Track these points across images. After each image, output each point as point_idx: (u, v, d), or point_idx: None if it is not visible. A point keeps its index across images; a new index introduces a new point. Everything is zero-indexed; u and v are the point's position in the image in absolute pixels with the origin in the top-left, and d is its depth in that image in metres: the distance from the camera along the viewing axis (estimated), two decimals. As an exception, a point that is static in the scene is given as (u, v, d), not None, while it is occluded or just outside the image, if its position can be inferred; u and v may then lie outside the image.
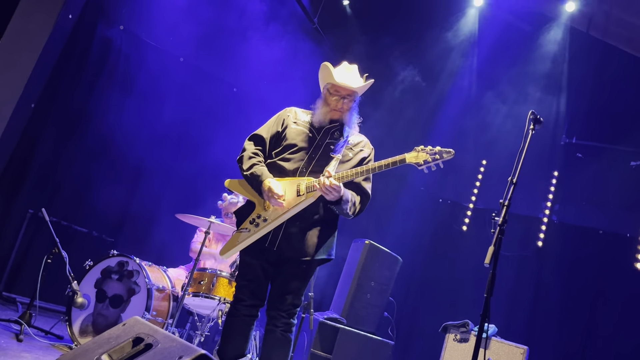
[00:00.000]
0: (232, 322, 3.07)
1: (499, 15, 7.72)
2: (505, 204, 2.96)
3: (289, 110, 3.31)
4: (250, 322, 3.08)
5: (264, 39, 7.33)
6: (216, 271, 4.52)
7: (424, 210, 8.23)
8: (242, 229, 3.02)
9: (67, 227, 6.18)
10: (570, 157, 7.60)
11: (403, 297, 7.40)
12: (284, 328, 3.02)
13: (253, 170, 3.04)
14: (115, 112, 6.49)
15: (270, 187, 2.95)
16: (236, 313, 3.06)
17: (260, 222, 2.99)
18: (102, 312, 4.53)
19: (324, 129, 3.17)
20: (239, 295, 3.08)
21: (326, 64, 3.19)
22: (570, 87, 7.49)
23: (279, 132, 3.21)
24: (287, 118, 3.25)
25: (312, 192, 2.95)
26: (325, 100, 3.20)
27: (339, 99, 3.16)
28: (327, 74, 3.19)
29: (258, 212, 3.03)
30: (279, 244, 3.01)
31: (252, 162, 3.09)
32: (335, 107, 3.16)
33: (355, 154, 3.17)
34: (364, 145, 3.25)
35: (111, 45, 6.46)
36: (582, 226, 7.35)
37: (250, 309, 3.06)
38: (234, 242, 3.02)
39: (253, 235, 2.98)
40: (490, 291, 2.79)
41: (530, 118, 3.20)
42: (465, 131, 8.01)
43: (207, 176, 6.88)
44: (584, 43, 7.43)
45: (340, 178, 2.94)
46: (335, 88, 3.16)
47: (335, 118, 3.18)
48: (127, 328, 2.68)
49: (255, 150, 3.16)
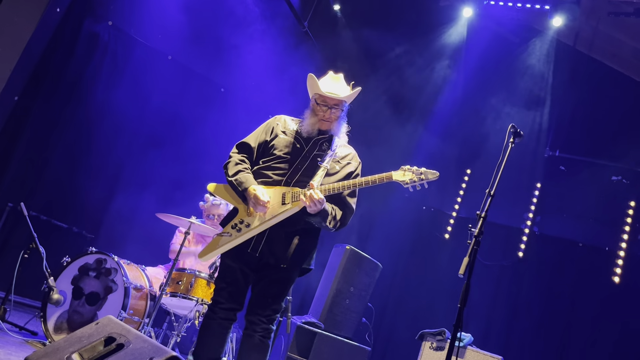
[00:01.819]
0: (209, 324, 3.06)
1: (488, 27, 7.80)
2: (481, 216, 2.99)
3: (278, 119, 3.31)
4: (227, 325, 3.07)
5: (253, 40, 7.34)
6: (195, 272, 4.52)
7: (407, 217, 8.27)
8: (224, 233, 3.02)
9: (47, 221, 6.13)
10: (553, 170, 7.69)
11: (382, 303, 7.43)
12: (263, 334, 3.01)
13: (238, 177, 3.04)
14: (99, 108, 6.46)
15: (255, 194, 2.95)
16: (213, 316, 3.05)
17: (243, 227, 2.99)
18: (77, 310, 4.50)
19: (313, 140, 3.17)
20: (217, 298, 3.07)
21: (311, 75, 3.19)
22: (554, 100, 7.59)
23: (267, 141, 3.21)
24: (277, 127, 3.24)
25: (297, 201, 2.95)
26: (313, 110, 3.20)
27: (327, 109, 3.16)
28: (313, 85, 3.19)
29: (241, 218, 3.03)
30: (261, 250, 3.01)
31: (238, 168, 3.09)
32: (324, 117, 3.16)
33: (342, 167, 3.17)
34: (351, 158, 3.25)
35: (98, 41, 6.43)
36: (563, 238, 7.43)
37: (228, 312, 3.05)
38: (214, 246, 3.02)
39: (234, 240, 2.99)
40: (463, 302, 2.82)
41: (510, 131, 3.25)
42: (450, 141, 8.08)
43: (189, 176, 6.86)
44: (570, 57, 7.53)
45: (325, 190, 2.96)
46: (322, 98, 3.17)
47: (324, 129, 3.18)
48: (99, 327, 2.67)
49: (242, 158, 3.16)
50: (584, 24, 7.47)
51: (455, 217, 8.28)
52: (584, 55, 7.57)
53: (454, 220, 8.27)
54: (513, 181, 7.44)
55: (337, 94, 3.16)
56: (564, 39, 7.61)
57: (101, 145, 6.50)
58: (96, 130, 6.46)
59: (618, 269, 6.93)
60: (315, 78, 3.18)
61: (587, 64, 7.51)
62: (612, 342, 6.64)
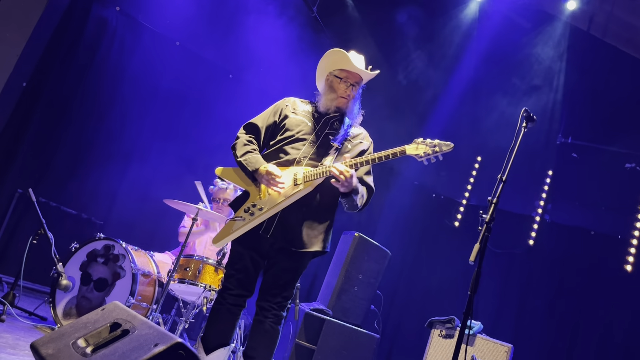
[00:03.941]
0: (218, 310, 3.03)
1: (500, 11, 7.66)
2: (493, 202, 2.92)
3: (287, 100, 3.26)
4: (236, 311, 3.03)
5: (261, 26, 7.25)
6: (203, 258, 4.49)
7: (416, 204, 8.21)
8: (237, 217, 2.97)
9: (56, 208, 6.14)
10: (565, 157, 7.58)
11: (391, 291, 7.40)
12: (274, 320, 2.97)
13: (248, 157, 2.98)
14: (108, 94, 6.43)
15: (268, 170, 2.89)
16: (222, 301, 3.02)
17: (256, 210, 2.93)
18: (86, 295, 4.49)
19: (324, 119, 3.13)
20: (226, 284, 3.03)
21: (339, 49, 3.14)
22: (567, 86, 7.46)
23: (276, 122, 3.16)
24: (286, 108, 3.20)
25: (310, 181, 2.89)
26: (332, 86, 3.15)
27: (349, 86, 3.13)
28: (340, 59, 3.14)
29: (253, 201, 2.97)
30: (273, 232, 2.94)
31: (247, 149, 3.03)
32: (344, 94, 3.12)
33: (354, 146, 3.12)
34: (362, 137, 3.20)
35: (106, 26, 6.38)
36: (574, 226, 7.35)
37: (237, 299, 3.01)
38: (228, 230, 2.96)
39: (248, 223, 2.93)
40: (474, 289, 2.76)
41: (523, 116, 3.16)
42: (460, 127, 7.98)
43: (198, 162, 6.83)
44: (584, 42, 7.39)
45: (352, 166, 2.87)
46: (346, 73, 3.13)
47: (341, 106, 3.13)
48: (105, 313, 2.65)
49: (249, 138, 3.10)
50: (598, 8, 7.32)
51: (465, 205, 8.21)
52: (597, 40, 7.42)
53: (464, 208, 8.20)
54: (525, 168, 7.36)
55: (363, 71, 3.14)
56: (578, 23, 7.46)
57: (110, 132, 6.48)
58: (105, 117, 6.43)
59: (631, 258, 6.83)
60: (345, 52, 3.13)
61: (601, 49, 7.36)
62: (624, 330, 6.57)
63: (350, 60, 3.12)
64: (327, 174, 2.88)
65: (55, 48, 5.85)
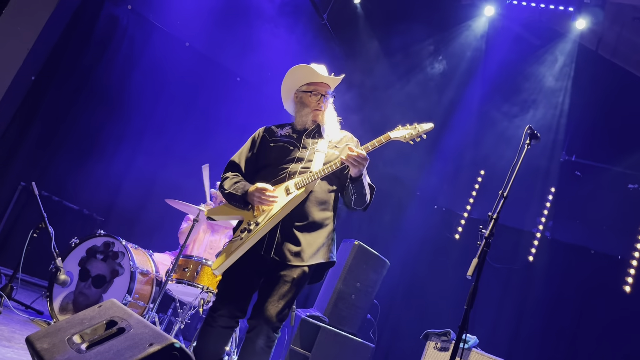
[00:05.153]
0: (208, 331, 2.88)
1: (509, 27, 7.69)
2: (493, 217, 2.92)
3: (262, 130, 3.19)
4: (226, 333, 2.91)
5: (271, 31, 7.29)
6: (202, 259, 4.50)
7: (417, 215, 8.21)
8: (235, 239, 2.87)
9: (58, 202, 6.16)
10: (568, 175, 7.58)
11: (388, 300, 7.38)
12: (265, 341, 2.81)
13: (235, 186, 2.95)
14: (115, 92, 6.47)
15: (258, 187, 2.85)
16: (213, 323, 2.87)
17: (252, 227, 2.85)
18: (83, 291, 4.51)
19: (304, 137, 3.08)
20: (217, 305, 2.88)
21: (299, 65, 3.12)
22: (573, 104, 7.47)
23: (255, 155, 3.12)
24: (263, 139, 3.13)
25: (303, 186, 2.86)
26: (303, 102, 3.13)
27: (319, 97, 3.10)
28: (303, 74, 3.12)
29: (248, 220, 2.90)
30: (275, 250, 2.85)
31: (234, 180, 3.00)
32: (317, 107, 3.10)
33: (341, 151, 3.06)
34: (348, 139, 3.16)
35: (117, 24, 6.43)
36: (574, 244, 7.33)
37: (228, 320, 2.87)
38: (228, 253, 2.84)
39: (247, 240, 2.82)
40: (470, 303, 2.76)
41: (527, 133, 3.17)
42: (464, 141, 7.99)
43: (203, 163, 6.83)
44: (592, 61, 7.40)
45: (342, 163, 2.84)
46: (314, 86, 3.11)
47: (316, 119, 3.11)
48: (102, 310, 2.65)
49: (234, 174, 3.08)
50: (608, 28, 7.33)
51: (466, 217, 8.20)
52: (606, 60, 7.43)
53: (465, 220, 8.20)
54: (527, 184, 7.36)
55: (329, 78, 3.12)
56: (587, 42, 7.48)
57: (115, 130, 6.51)
58: (111, 114, 6.46)
59: (630, 278, 6.81)
60: (309, 66, 3.11)
61: (609, 70, 7.37)
62: (621, 352, 6.54)
63: (315, 71, 3.09)
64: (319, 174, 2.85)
65: (66, 44, 5.89)
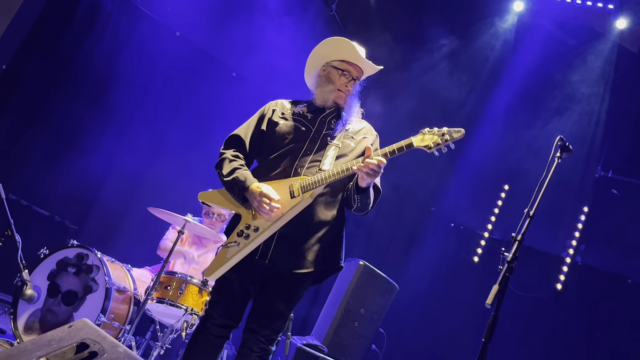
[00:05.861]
0: (199, 340, 2.97)
1: (541, 25, 7.69)
2: (517, 239, 2.91)
3: (274, 104, 3.22)
4: (218, 343, 2.98)
5: (272, 22, 7.31)
6: (186, 277, 4.49)
7: (432, 234, 8.19)
8: (230, 243, 2.89)
9: (27, 207, 6.16)
10: (603, 193, 7.57)
11: (396, 330, 7.35)
12: (261, 355, 2.90)
13: (235, 176, 2.93)
14: (96, 85, 6.48)
15: (262, 191, 2.84)
16: (204, 331, 2.96)
17: (251, 232, 2.86)
18: (52, 309, 4.50)
19: (320, 119, 3.09)
20: (210, 312, 2.97)
21: (343, 39, 3.11)
22: (611, 113, 7.46)
23: (262, 131, 3.12)
24: (273, 113, 3.15)
25: (309, 191, 2.84)
26: (329, 77, 3.13)
27: (350, 80, 3.11)
28: (343, 48, 3.11)
29: (246, 222, 2.91)
30: (271, 256, 2.89)
31: (234, 165, 2.99)
32: (343, 88, 3.10)
33: (357, 143, 3.07)
34: (366, 132, 3.15)
35: (100, 10, 6.45)
36: (609, 272, 7.31)
37: (221, 329, 2.96)
38: (222, 260, 2.87)
39: (244, 248, 2.85)
40: (489, 336, 2.74)
41: (557, 144, 3.15)
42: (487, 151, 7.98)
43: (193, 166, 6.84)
44: (633, 65, 7.40)
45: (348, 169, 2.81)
46: (348, 66, 3.11)
47: (339, 100, 3.11)
48: (72, 331, 2.66)
49: (234, 153, 3.06)
50: (652, 29, 7.35)
51: (487, 238, 8.19)
52: (649, 64, 7.44)
53: (486, 241, 8.19)
54: (557, 202, 7.33)
55: (367, 64, 3.11)
56: (628, 44, 7.48)
57: (94, 127, 6.51)
58: (90, 110, 6.47)
59: (671, 312, 6.79)
60: (349, 42, 3.10)
61: (652, 75, 7.38)
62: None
63: (357, 50, 3.09)
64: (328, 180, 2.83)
65: (41, 30, 5.91)
